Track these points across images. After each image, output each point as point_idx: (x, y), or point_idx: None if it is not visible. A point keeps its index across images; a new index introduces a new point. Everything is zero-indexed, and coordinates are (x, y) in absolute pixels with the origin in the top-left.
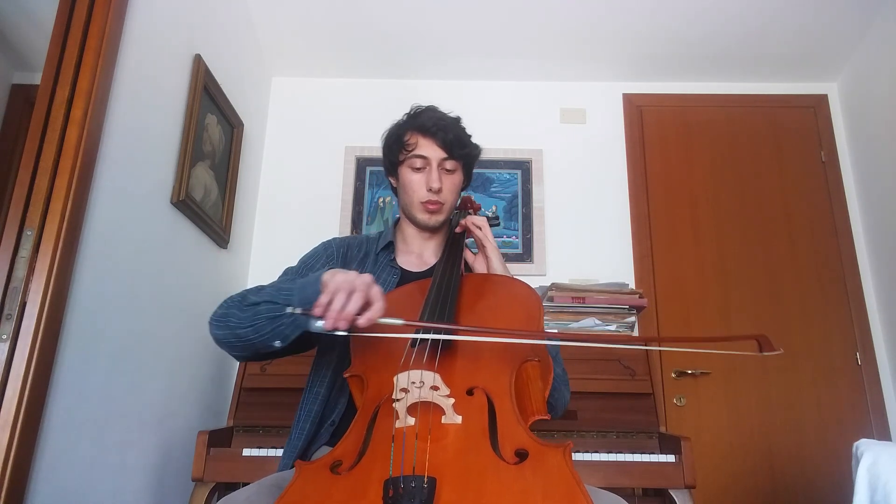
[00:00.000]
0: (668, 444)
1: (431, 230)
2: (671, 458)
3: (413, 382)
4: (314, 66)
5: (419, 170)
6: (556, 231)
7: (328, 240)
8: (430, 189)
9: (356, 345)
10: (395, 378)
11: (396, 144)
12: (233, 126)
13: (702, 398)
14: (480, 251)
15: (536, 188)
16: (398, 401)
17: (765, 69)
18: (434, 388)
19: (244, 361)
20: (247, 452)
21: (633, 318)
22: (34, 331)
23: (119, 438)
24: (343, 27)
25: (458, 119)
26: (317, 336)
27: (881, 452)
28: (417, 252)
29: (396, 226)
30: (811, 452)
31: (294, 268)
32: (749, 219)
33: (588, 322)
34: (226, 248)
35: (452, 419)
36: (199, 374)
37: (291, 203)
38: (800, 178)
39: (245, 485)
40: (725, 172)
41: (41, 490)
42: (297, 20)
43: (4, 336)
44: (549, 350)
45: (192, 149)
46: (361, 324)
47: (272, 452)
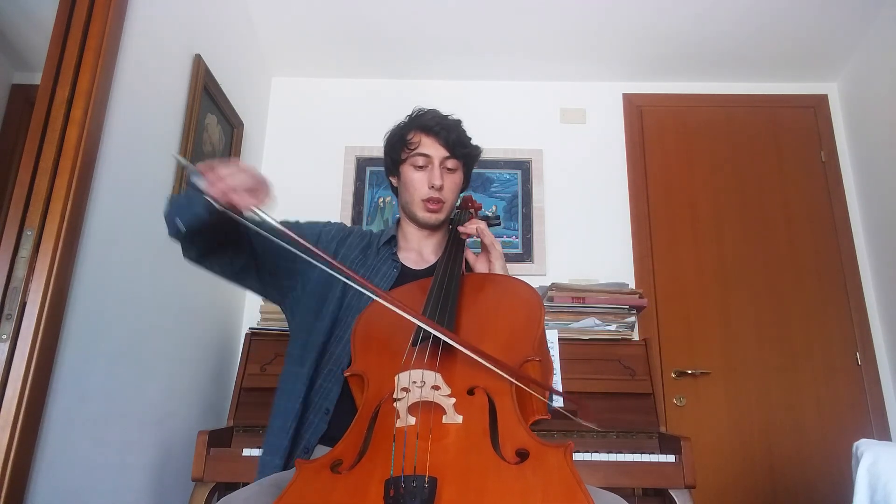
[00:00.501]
0: (668, 444)
1: (431, 228)
2: (671, 458)
3: (414, 382)
4: (314, 66)
5: (421, 168)
6: (556, 231)
7: (333, 221)
8: (433, 186)
9: (357, 343)
10: (396, 377)
11: (399, 143)
12: (233, 126)
13: (702, 398)
14: (483, 253)
15: (536, 188)
16: (399, 400)
17: (765, 69)
18: (435, 388)
19: (193, 261)
20: (247, 452)
21: (633, 318)
22: (34, 331)
23: (119, 438)
24: (343, 27)
25: (460, 121)
26: (269, 271)
27: (881, 452)
28: (417, 249)
29: (398, 224)
30: (811, 452)
31: (286, 221)
32: (749, 219)
33: (588, 322)
34: None
35: (453, 419)
36: (199, 374)
37: (291, 203)
38: (800, 178)
39: (245, 485)
40: (725, 172)
41: (41, 490)
42: (297, 20)
43: (4, 336)
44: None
45: (192, 149)
46: (243, 203)
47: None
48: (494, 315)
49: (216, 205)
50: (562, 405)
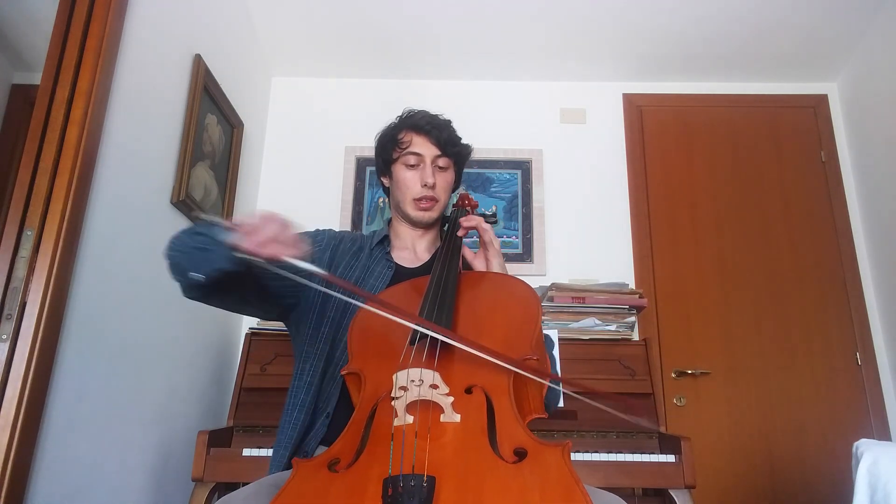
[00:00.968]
0: (668, 444)
1: (424, 227)
2: (671, 458)
3: (412, 380)
4: (314, 66)
5: (413, 167)
6: (556, 231)
7: (323, 229)
8: (425, 184)
9: (353, 342)
10: (394, 376)
11: (391, 143)
12: (233, 126)
13: (702, 398)
14: (481, 250)
15: (536, 188)
16: (397, 399)
17: (765, 69)
18: (433, 387)
19: (196, 300)
20: (247, 452)
21: (633, 318)
22: (34, 331)
23: (119, 438)
24: (343, 27)
25: (450, 121)
26: (274, 297)
27: (881, 452)
28: (410, 247)
29: (390, 224)
30: (811, 452)
31: None
32: (749, 219)
33: (588, 322)
34: None
35: (451, 417)
36: (199, 374)
37: (291, 203)
38: (800, 178)
39: (245, 485)
40: (725, 172)
41: (41, 490)
42: (297, 20)
43: (4, 336)
44: (547, 348)
45: (192, 149)
46: (271, 254)
47: (272, 452)
48: (491, 313)
49: (257, 260)
50: (561, 402)
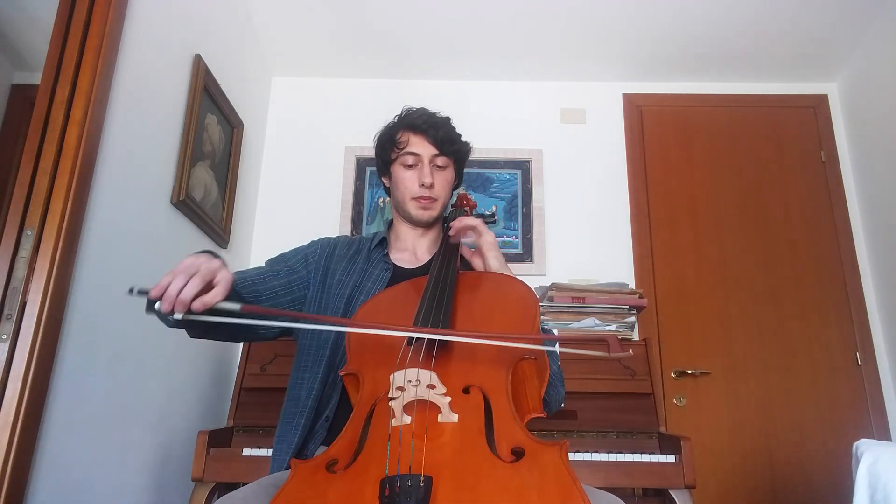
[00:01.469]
0: (668, 444)
1: (425, 226)
2: (671, 458)
3: (409, 381)
4: (314, 66)
5: (411, 167)
6: (556, 231)
7: (316, 240)
8: (423, 184)
9: (352, 343)
10: (392, 376)
11: (389, 143)
12: (233, 126)
13: (702, 398)
14: (478, 250)
15: (536, 188)
16: (394, 399)
17: (765, 69)
18: (430, 387)
19: (204, 338)
20: (247, 452)
21: (633, 318)
22: (34, 331)
23: (119, 438)
24: (343, 27)
25: (448, 119)
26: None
27: (881, 452)
28: (411, 249)
29: (390, 225)
30: (811, 452)
31: (272, 259)
32: (749, 219)
33: (588, 322)
34: (226, 248)
35: (449, 417)
36: (199, 374)
37: (291, 203)
38: (800, 178)
39: (244, 485)
40: (725, 172)
41: (41, 490)
42: (297, 20)
43: (4, 336)
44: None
45: (192, 149)
46: (196, 307)
47: (271, 453)
48: (489, 313)
49: (178, 317)
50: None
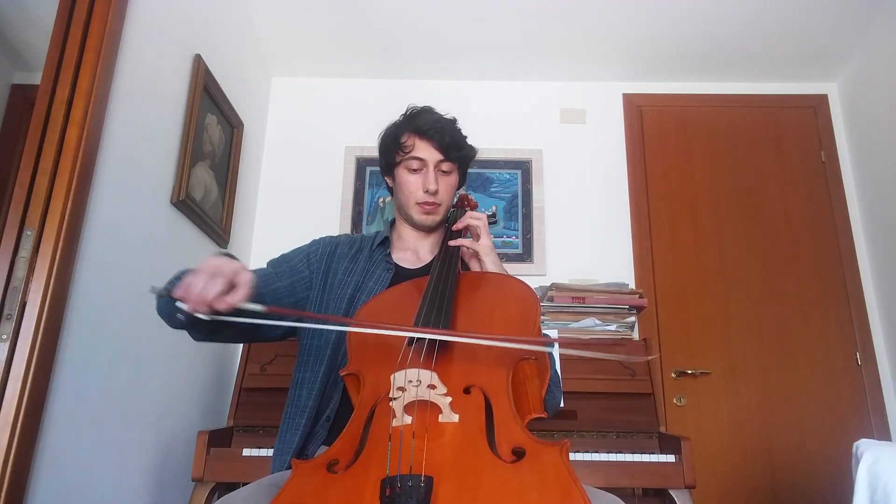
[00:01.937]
0: (668, 444)
1: (427, 230)
2: (671, 458)
3: (410, 381)
4: (314, 66)
5: (416, 171)
6: (556, 231)
7: (317, 238)
8: (427, 190)
9: (352, 343)
10: (392, 376)
11: (393, 146)
12: (233, 126)
13: (702, 398)
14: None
15: (536, 188)
16: (395, 399)
17: (765, 69)
18: (431, 387)
19: (205, 341)
20: (247, 452)
21: (633, 318)
22: (34, 331)
23: (119, 438)
24: (343, 27)
25: (454, 120)
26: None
27: (881, 452)
28: (413, 249)
29: (393, 224)
30: (811, 452)
31: (274, 259)
32: (749, 219)
33: (588, 322)
34: (226, 248)
35: (449, 418)
36: (199, 374)
37: (291, 203)
38: (800, 178)
39: (245, 485)
40: (725, 172)
41: (41, 490)
42: (297, 20)
43: (4, 336)
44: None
45: (192, 149)
46: (221, 307)
47: (272, 452)
48: (490, 313)
49: (204, 317)
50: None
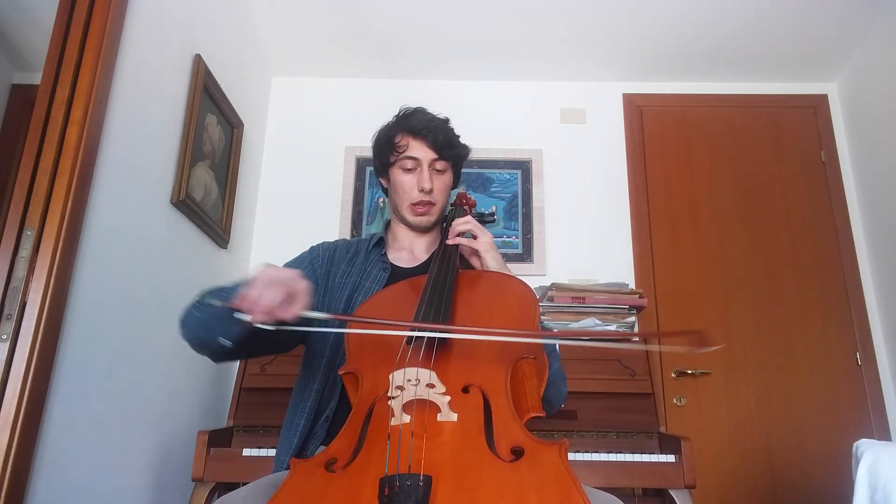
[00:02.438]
0: (668, 444)
1: (423, 230)
2: (671, 458)
3: (409, 380)
4: (314, 66)
5: (410, 171)
6: (556, 231)
7: (315, 245)
8: (422, 189)
9: (351, 342)
10: (391, 375)
11: (387, 146)
12: (233, 126)
13: (702, 398)
14: (475, 253)
15: (536, 188)
16: (394, 398)
17: (765, 69)
18: (430, 386)
19: (227, 361)
20: (247, 452)
21: (633, 318)
22: (34, 331)
23: (119, 438)
24: (343, 27)
25: (447, 120)
26: (294, 334)
27: (881, 452)
28: (409, 248)
29: (388, 225)
30: (811, 452)
31: None
32: (749, 219)
33: (588, 322)
34: (226, 248)
35: (448, 417)
36: (199, 374)
37: (291, 203)
38: (800, 178)
39: (245, 485)
40: (725, 172)
41: (41, 490)
42: (297, 20)
43: (4, 336)
44: (546, 346)
45: (192, 149)
46: (285, 317)
47: (272, 452)
48: (489, 312)
49: (270, 328)
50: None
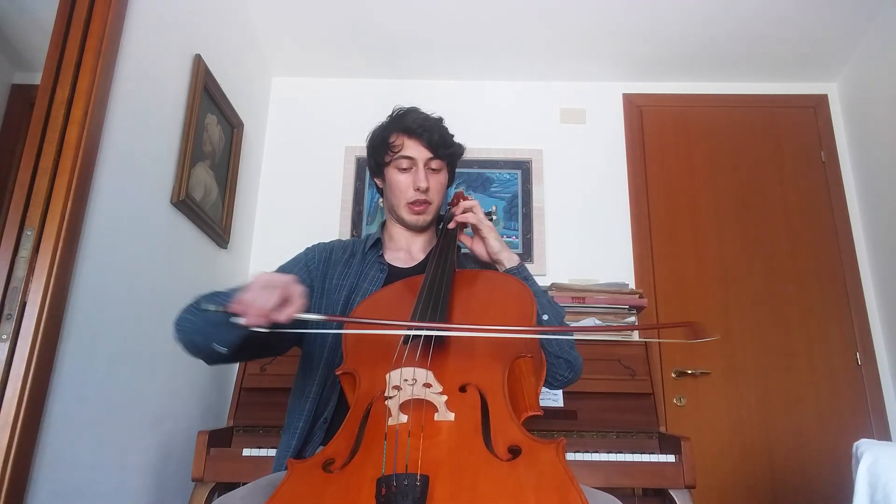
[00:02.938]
0: (668, 444)
1: (419, 230)
2: (671, 458)
3: (406, 380)
4: (314, 66)
5: (406, 170)
6: (556, 231)
7: (311, 246)
8: (418, 188)
9: (348, 343)
10: (388, 375)
11: (382, 146)
12: (233, 126)
13: (702, 398)
14: (476, 234)
15: (536, 188)
16: (391, 398)
17: (765, 69)
18: (427, 386)
19: (221, 364)
20: (247, 452)
21: (633, 318)
22: (34, 331)
23: (119, 438)
24: (343, 27)
25: (441, 119)
26: (289, 337)
27: (881, 452)
28: (405, 248)
29: (384, 226)
30: (811, 452)
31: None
32: (749, 219)
33: (588, 322)
34: (226, 248)
35: (445, 416)
36: (199, 374)
37: (291, 203)
38: (800, 178)
39: (244, 485)
40: (725, 172)
41: (41, 490)
42: (297, 20)
43: (4, 336)
44: (547, 321)
45: (192, 149)
46: (280, 319)
47: (272, 452)
48: (486, 311)
49: (262, 330)
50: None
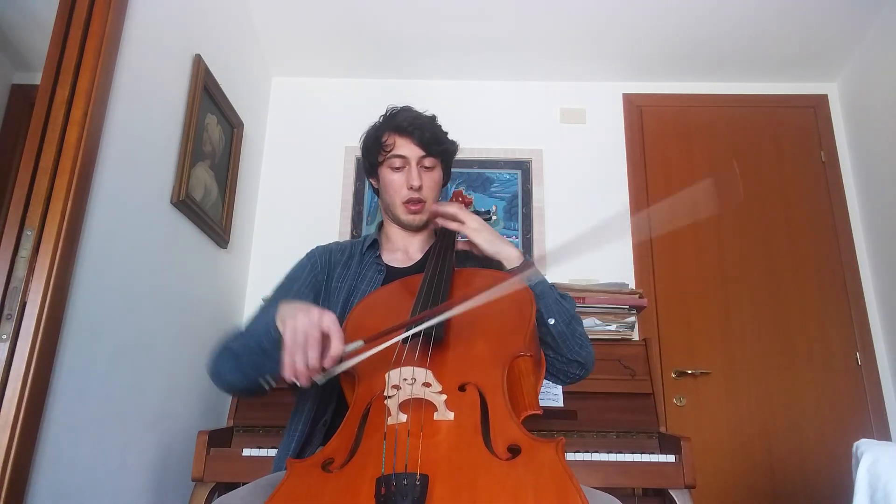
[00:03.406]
0: (668, 444)
1: (415, 229)
2: (671, 458)
3: (405, 379)
4: (314, 66)
5: (398, 169)
6: (556, 231)
7: (311, 250)
8: (411, 187)
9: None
10: (387, 375)
11: (374, 146)
12: (233, 126)
13: (702, 398)
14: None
15: (536, 188)
16: (390, 398)
17: (765, 69)
18: (426, 385)
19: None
20: (247, 452)
21: (633, 318)
22: (34, 331)
23: (119, 438)
24: (343, 27)
25: (434, 117)
26: None
27: (881, 452)
28: (402, 248)
29: (381, 227)
30: (811, 452)
31: (280, 286)
32: (749, 219)
33: (588, 322)
34: (226, 249)
35: (444, 416)
36: (199, 374)
37: (291, 203)
38: (800, 178)
39: (244, 485)
40: (725, 172)
41: (41, 490)
42: (297, 20)
43: (4, 336)
44: (541, 296)
45: (192, 149)
46: (327, 365)
47: (272, 452)
48: (485, 310)
49: (321, 380)
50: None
